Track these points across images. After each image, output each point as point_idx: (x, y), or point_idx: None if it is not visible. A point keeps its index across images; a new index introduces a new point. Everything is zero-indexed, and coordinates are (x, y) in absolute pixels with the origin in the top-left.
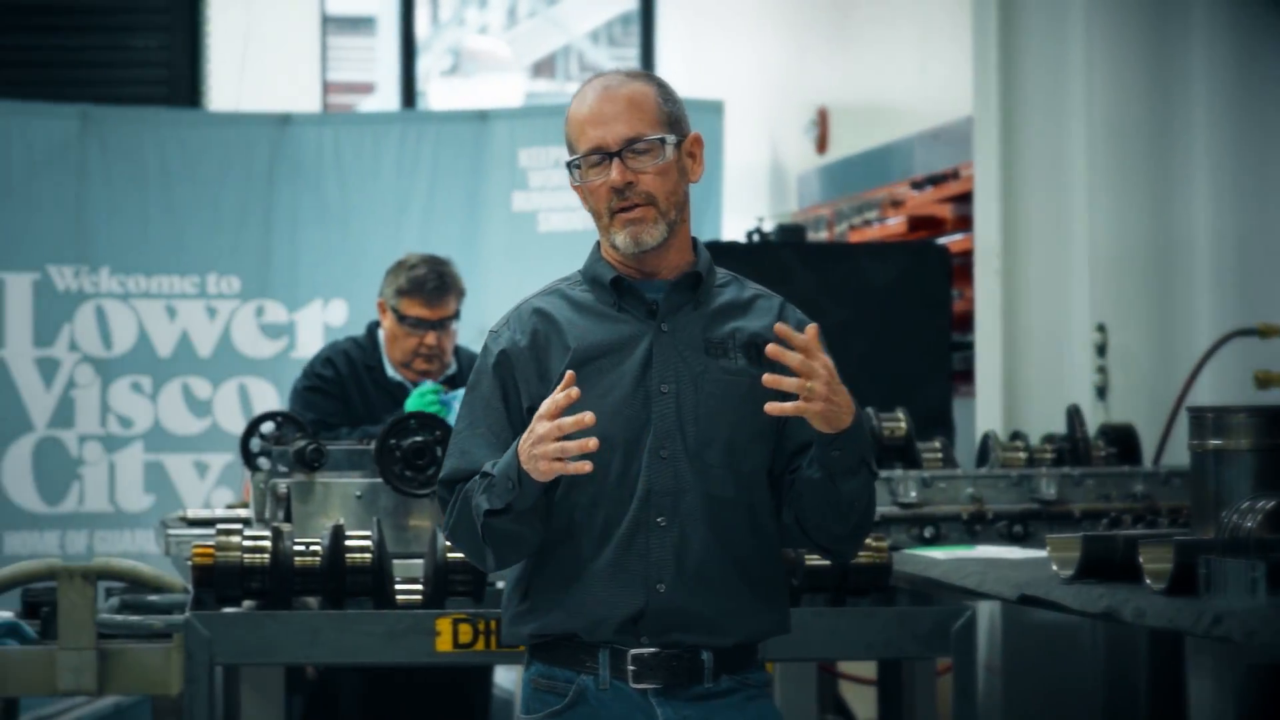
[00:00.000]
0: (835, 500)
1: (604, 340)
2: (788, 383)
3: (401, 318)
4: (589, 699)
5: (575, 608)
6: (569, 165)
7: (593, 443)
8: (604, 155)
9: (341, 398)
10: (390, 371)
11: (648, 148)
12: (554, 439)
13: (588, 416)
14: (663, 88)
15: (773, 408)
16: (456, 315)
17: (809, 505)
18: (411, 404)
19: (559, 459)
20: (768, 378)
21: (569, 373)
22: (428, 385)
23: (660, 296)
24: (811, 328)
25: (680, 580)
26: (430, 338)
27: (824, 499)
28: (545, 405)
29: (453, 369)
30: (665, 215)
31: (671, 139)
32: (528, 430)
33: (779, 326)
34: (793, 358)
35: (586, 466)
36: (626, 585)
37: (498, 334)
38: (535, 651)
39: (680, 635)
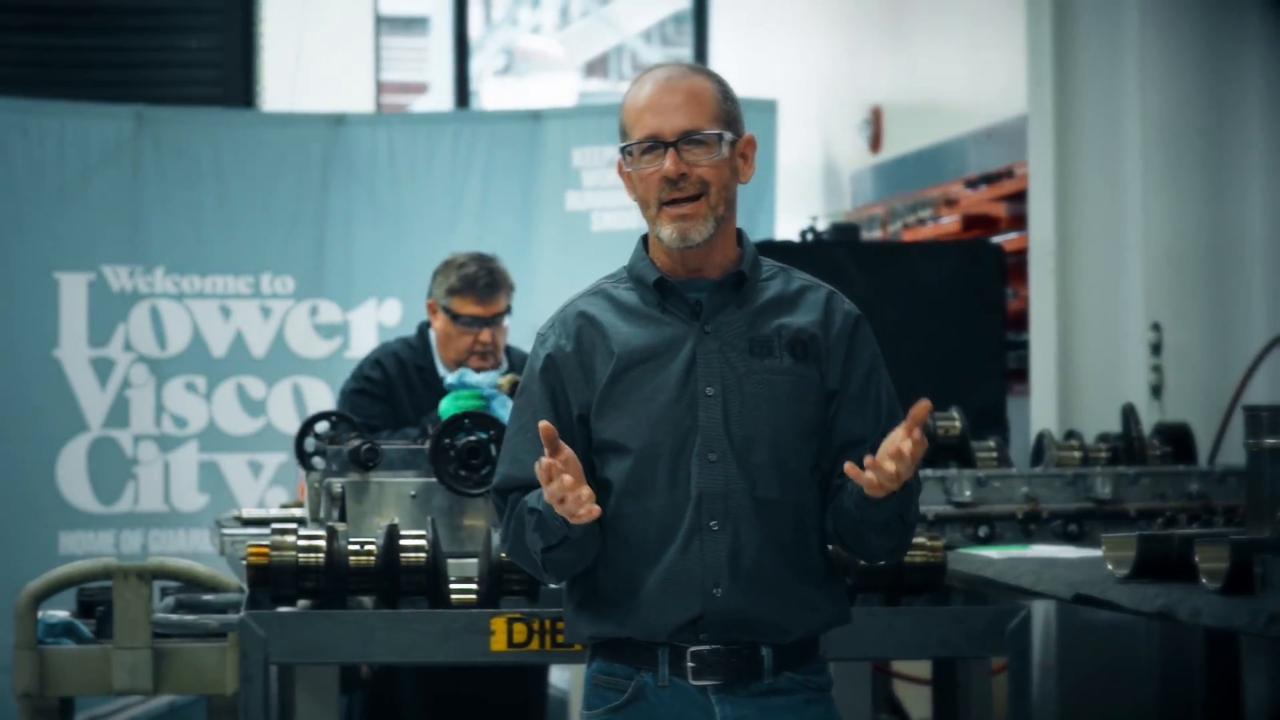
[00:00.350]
0: (865, 537)
1: (648, 344)
2: (887, 469)
3: (455, 316)
4: (648, 695)
5: (633, 614)
6: (622, 150)
7: (587, 503)
8: (659, 144)
9: (388, 400)
10: (442, 371)
11: (704, 141)
12: (559, 500)
13: (567, 479)
14: (722, 85)
15: (852, 471)
16: (508, 310)
17: (844, 528)
18: (452, 406)
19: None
20: (870, 461)
21: (545, 427)
22: (464, 392)
23: (704, 297)
24: (923, 405)
25: (736, 583)
26: (485, 334)
27: (856, 530)
28: (539, 468)
29: (504, 368)
30: (714, 210)
31: (728, 136)
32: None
33: (918, 435)
34: (904, 457)
35: (596, 511)
36: (683, 591)
37: (544, 338)
38: (596, 649)
39: (739, 634)
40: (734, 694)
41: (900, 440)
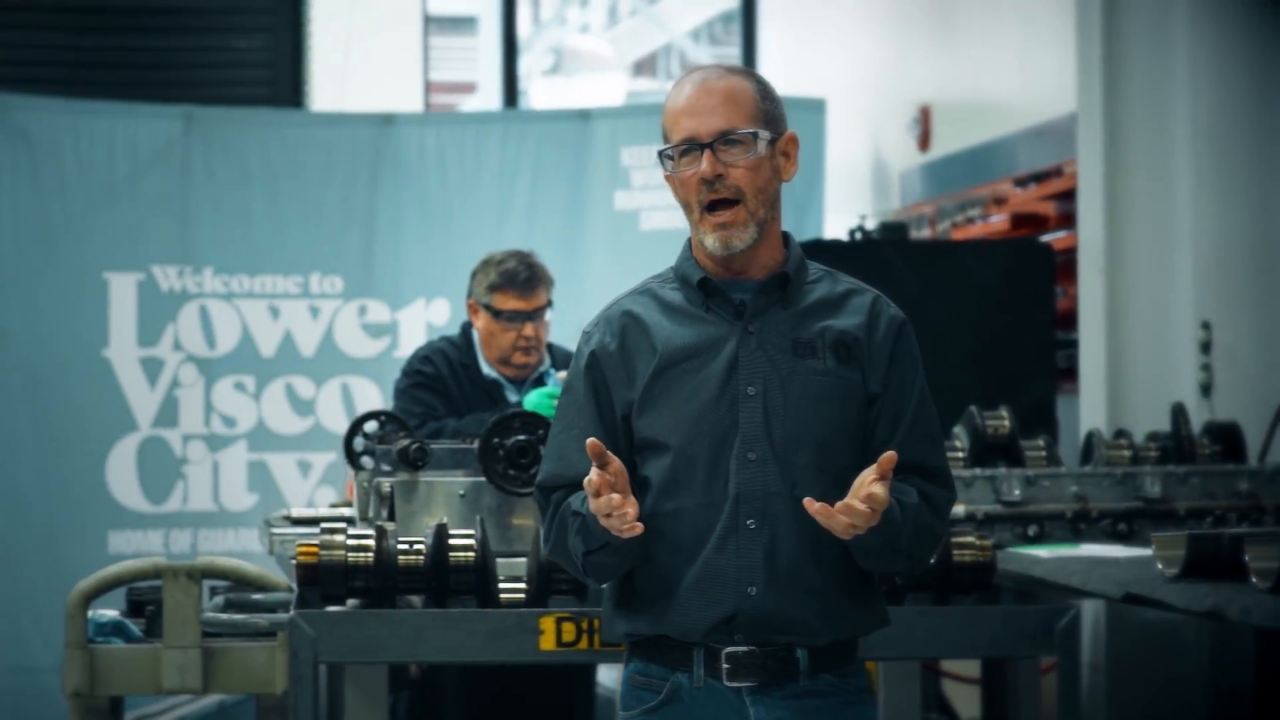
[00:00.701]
0: (857, 558)
1: (690, 343)
2: (839, 520)
3: (497, 313)
4: (683, 696)
5: (667, 612)
6: (661, 155)
7: (632, 521)
8: (696, 146)
9: (444, 393)
10: (485, 370)
11: (740, 140)
12: (605, 514)
13: (615, 498)
14: (761, 85)
15: (810, 508)
16: (549, 304)
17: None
18: (533, 404)
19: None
20: (824, 509)
21: (592, 443)
22: (554, 388)
23: (748, 297)
24: (890, 457)
25: (771, 583)
26: (528, 329)
27: (851, 548)
28: (588, 484)
29: (546, 364)
30: (754, 215)
31: (765, 135)
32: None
33: (873, 491)
34: (860, 508)
35: (639, 529)
36: (717, 590)
37: (589, 335)
38: (633, 649)
39: (773, 635)
40: (769, 696)
41: (859, 496)
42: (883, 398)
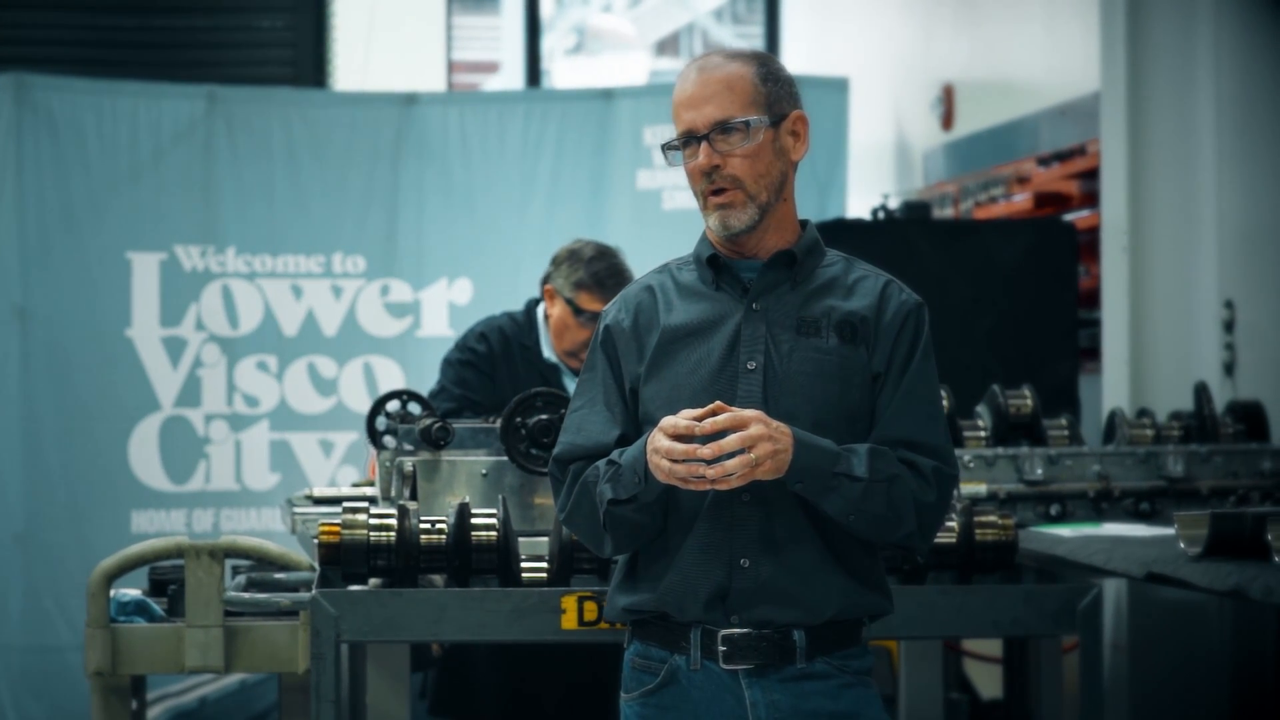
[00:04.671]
0: (838, 520)
1: (696, 318)
2: (732, 464)
3: (578, 311)
4: (680, 679)
5: (663, 585)
6: (664, 148)
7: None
8: (694, 138)
9: (491, 375)
10: (546, 353)
11: (735, 129)
12: (664, 458)
13: (704, 450)
14: (764, 67)
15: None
16: None
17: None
18: None
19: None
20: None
21: (717, 404)
22: None
23: (755, 275)
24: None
25: (765, 556)
26: None
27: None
28: (669, 421)
29: None
30: (755, 198)
31: (763, 120)
32: (652, 434)
33: (705, 425)
34: (730, 442)
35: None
36: (711, 562)
37: (606, 313)
38: (634, 629)
39: (768, 612)
40: (765, 678)
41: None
42: (885, 375)
